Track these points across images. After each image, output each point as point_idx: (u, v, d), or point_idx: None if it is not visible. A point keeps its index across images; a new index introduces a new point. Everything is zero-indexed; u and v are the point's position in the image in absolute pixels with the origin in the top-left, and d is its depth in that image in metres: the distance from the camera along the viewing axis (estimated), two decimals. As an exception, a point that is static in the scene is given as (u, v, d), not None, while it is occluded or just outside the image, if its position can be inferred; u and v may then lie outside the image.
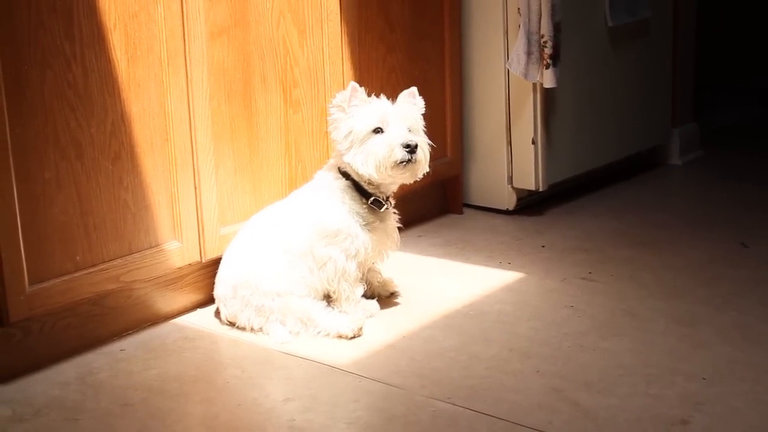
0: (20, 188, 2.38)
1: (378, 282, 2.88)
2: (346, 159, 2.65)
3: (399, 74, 3.29)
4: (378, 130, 2.63)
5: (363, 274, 2.79)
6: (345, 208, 2.69)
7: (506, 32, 3.47)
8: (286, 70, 2.93)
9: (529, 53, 3.34)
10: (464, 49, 3.56)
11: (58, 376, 2.48)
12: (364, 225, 2.70)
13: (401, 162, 2.61)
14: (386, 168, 2.62)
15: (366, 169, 2.63)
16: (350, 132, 2.64)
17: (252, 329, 2.67)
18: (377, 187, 2.71)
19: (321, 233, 2.67)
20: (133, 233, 2.63)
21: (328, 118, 2.69)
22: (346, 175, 2.71)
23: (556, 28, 3.31)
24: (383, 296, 2.88)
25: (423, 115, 2.74)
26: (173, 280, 2.79)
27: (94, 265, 2.55)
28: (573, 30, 3.48)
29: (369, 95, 2.68)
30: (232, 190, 2.84)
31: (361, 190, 2.71)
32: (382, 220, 2.74)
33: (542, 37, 3.30)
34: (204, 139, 2.73)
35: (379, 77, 3.21)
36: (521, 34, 3.33)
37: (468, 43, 3.56)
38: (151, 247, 2.67)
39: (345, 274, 2.68)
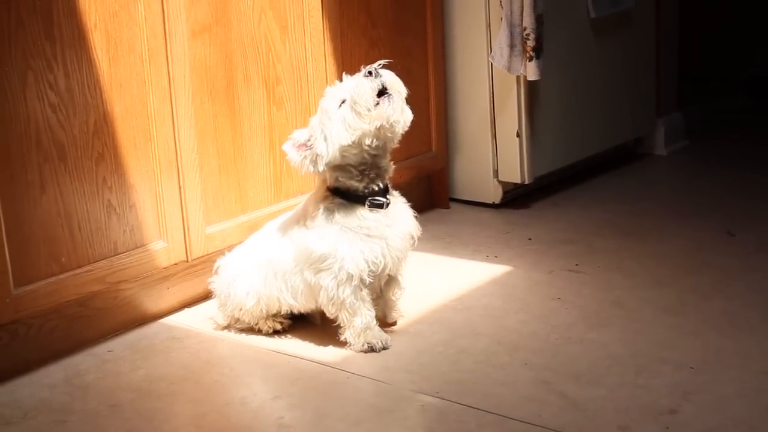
0: (3, 191, 2.37)
1: (386, 302, 2.63)
2: (330, 148, 2.38)
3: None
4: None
5: (377, 291, 2.58)
6: (335, 228, 2.44)
7: (489, 25, 3.46)
8: (269, 67, 2.92)
9: (511, 46, 3.33)
10: (447, 43, 3.56)
11: (46, 378, 2.47)
12: (361, 236, 2.43)
13: (378, 94, 2.34)
14: (368, 109, 2.34)
15: (353, 130, 2.35)
16: (322, 131, 2.40)
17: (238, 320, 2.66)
18: (370, 168, 2.43)
19: (308, 260, 2.46)
20: (118, 234, 2.62)
21: (295, 164, 2.45)
22: (336, 190, 2.47)
23: (539, 21, 3.30)
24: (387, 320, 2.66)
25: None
26: (159, 280, 2.78)
27: (79, 267, 2.54)
28: (556, 22, 3.48)
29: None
30: (217, 189, 2.83)
31: (354, 197, 2.45)
32: (388, 223, 2.47)
33: (525, 29, 3.29)
34: (187, 137, 2.72)
35: (363, 73, 3.20)
36: (503, 26, 3.33)
37: (451, 37, 3.56)
38: (136, 248, 2.66)
39: (339, 301, 2.46)
